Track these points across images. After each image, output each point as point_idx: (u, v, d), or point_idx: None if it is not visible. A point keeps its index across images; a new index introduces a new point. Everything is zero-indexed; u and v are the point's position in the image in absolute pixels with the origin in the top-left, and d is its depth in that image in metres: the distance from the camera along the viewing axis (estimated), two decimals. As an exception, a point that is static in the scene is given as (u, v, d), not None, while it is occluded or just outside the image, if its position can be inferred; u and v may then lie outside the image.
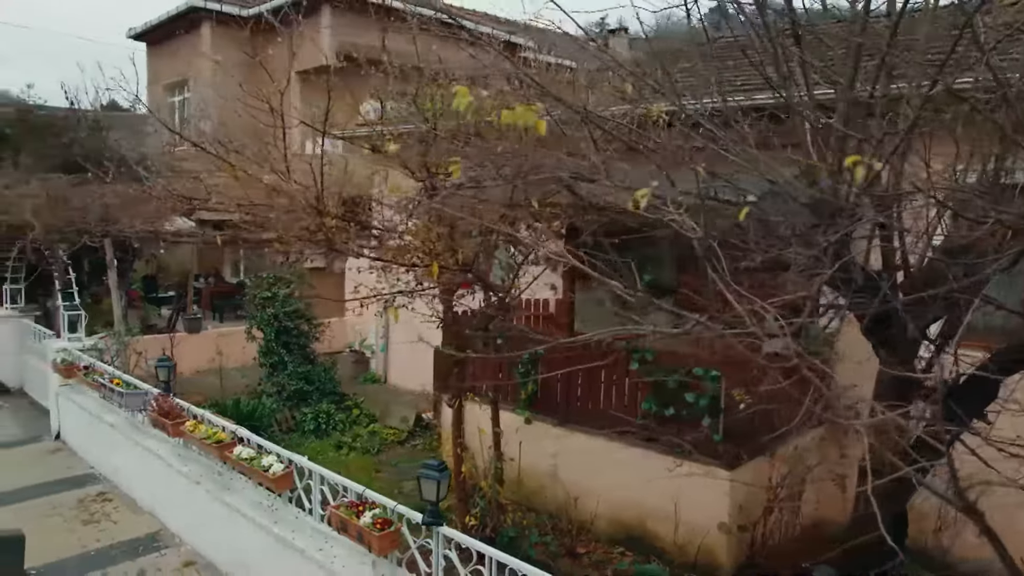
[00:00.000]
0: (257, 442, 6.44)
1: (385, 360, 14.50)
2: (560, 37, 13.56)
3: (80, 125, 15.92)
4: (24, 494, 8.57)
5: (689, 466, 7.37)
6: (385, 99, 7.91)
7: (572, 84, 6.55)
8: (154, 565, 6.90)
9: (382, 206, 7.41)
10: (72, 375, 9.78)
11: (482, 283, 6.55)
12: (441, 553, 4.75)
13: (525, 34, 17.07)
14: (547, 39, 23.55)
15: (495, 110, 5.13)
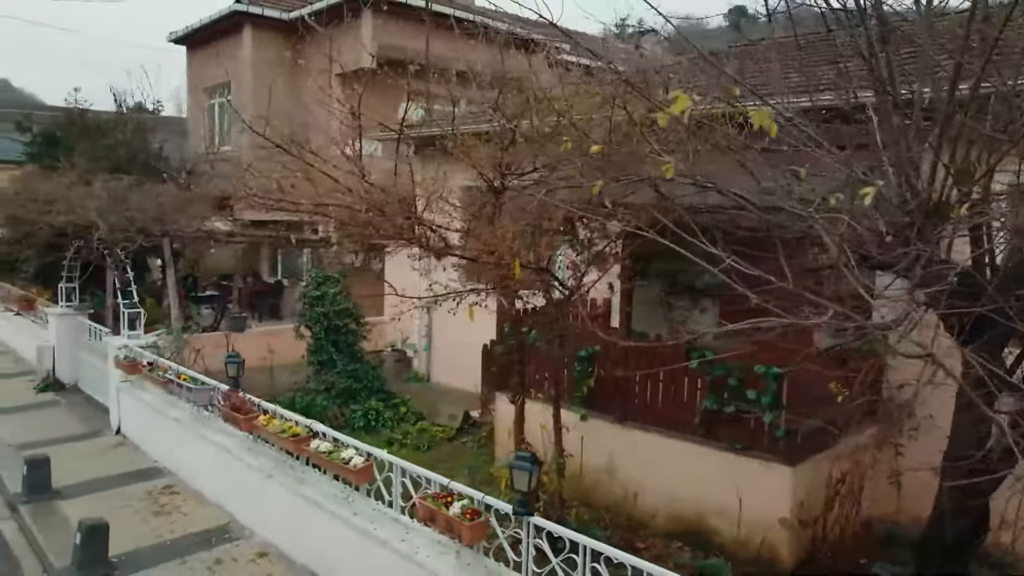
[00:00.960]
0: (333, 436, 6.62)
1: (428, 359, 14.68)
2: (591, 40, 13.67)
3: (127, 128, 16.23)
4: (95, 486, 8.82)
5: (749, 462, 7.50)
6: (433, 102, 8.06)
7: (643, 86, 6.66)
8: (229, 555, 7.10)
9: (452, 205, 7.55)
10: (135, 371, 10.03)
11: (556, 281, 6.64)
12: (531, 542, 4.88)
13: (550, 33, 17.22)
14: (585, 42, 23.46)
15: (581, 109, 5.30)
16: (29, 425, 11.32)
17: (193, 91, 21.45)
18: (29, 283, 17.01)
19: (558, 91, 6.82)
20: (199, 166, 16.47)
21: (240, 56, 18.67)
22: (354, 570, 6.09)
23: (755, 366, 7.47)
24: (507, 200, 7.02)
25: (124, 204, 10.85)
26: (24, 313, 15.94)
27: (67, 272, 13.11)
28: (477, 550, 5.24)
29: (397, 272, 14.63)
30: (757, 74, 7.17)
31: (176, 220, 11.44)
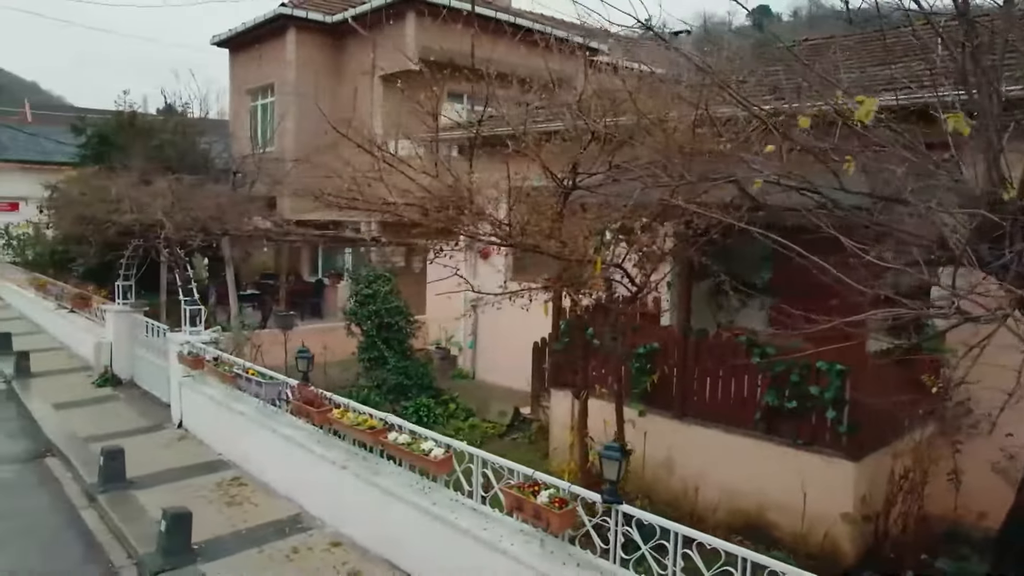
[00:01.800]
0: (410, 428, 6.82)
1: (473, 357, 14.88)
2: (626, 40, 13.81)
3: (177, 129, 16.59)
4: (165, 477, 9.09)
5: (811, 457, 7.61)
6: (473, 102, 8.23)
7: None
8: (304, 544, 7.32)
9: (516, 204, 7.70)
10: (199, 366, 10.31)
11: (627, 278, 6.79)
12: (620, 530, 5.04)
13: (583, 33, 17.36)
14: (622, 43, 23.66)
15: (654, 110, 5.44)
16: (93, 418, 11.64)
17: (235, 93, 21.83)
18: (80, 281, 17.41)
19: (625, 92, 6.95)
20: (245, 166, 16.78)
21: (284, 58, 19.00)
22: (435, 559, 6.27)
23: (818, 362, 7.58)
24: (575, 199, 7.17)
25: (187, 203, 11.13)
26: (78, 310, 16.34)
27: (124, 270, 13.43)
28: (562, 538, 5.40)
29: (441, 273, 14.84)
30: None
31: (234, 219, 11.70)
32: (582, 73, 8.13)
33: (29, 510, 8.55)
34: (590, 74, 13.81)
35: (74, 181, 14.10)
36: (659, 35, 5.00)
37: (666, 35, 13.59)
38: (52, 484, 9.32)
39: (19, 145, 30.23)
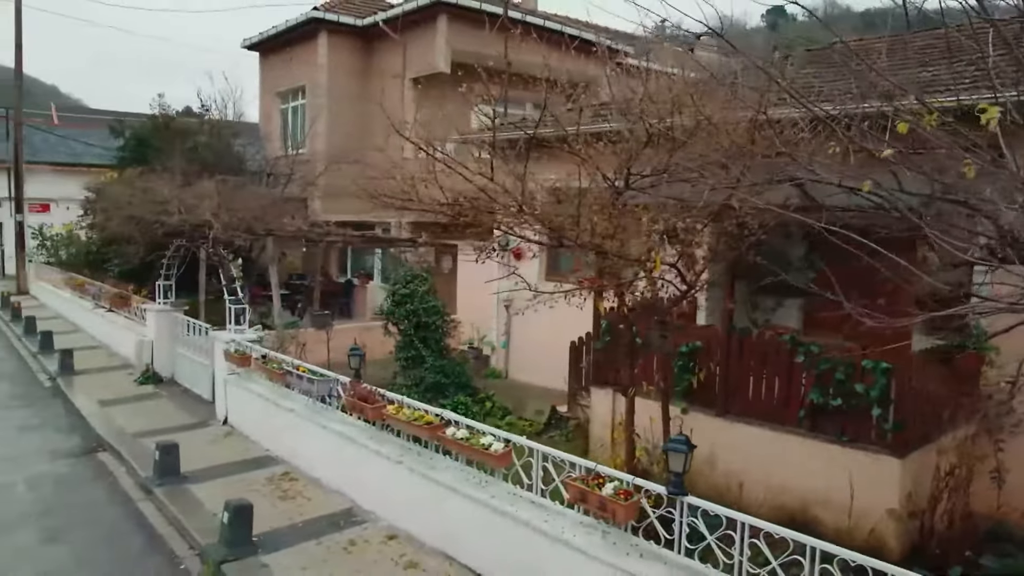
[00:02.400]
0: (467, 423, 6.99)
1: (506, 356, 15.05)
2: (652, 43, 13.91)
3: (212, 132, 16.88)
4: (217, 472, 9.31)
5: (855, 454, 7.73)
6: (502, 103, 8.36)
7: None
8: (360, 537, 7.51)
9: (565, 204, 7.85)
10: (245, 364, 10.53)
11: (680, 277, 6.92)
12: (686, 521, 5.20)
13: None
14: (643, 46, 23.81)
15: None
16: (139, 415, 11.89)
17: (265, 95, 22.11)
18: (119, 281, 17.74)
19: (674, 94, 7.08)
20: (277, 168, 17.04)
21: (315, 61, 19.26)
22: (494, 551, 6.44)
23: (863, 360, 7.71)
24: (626, 200, 7.31)
25: (232, 204, 11.36)
26: (116, 310, 16.64)
27: (165, 270, 13.70)
28: (625, 529, 5.56)
29: (472, 273, 15.05)
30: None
31: (274, 220, 11.93)
32: (610, 75, 8.20)
33: (88, 502, 8.79)
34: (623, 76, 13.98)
35: (117, 182, 14.38)
36: (717, 33, 5.11)
37: (690, 37, 13.78)
38: (107, 478, 9.57)
39: (49, 147, 30.67)
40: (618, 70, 18.94)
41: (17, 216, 22.90)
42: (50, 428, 11.57)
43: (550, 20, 19.11)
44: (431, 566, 6.87)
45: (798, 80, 7.66)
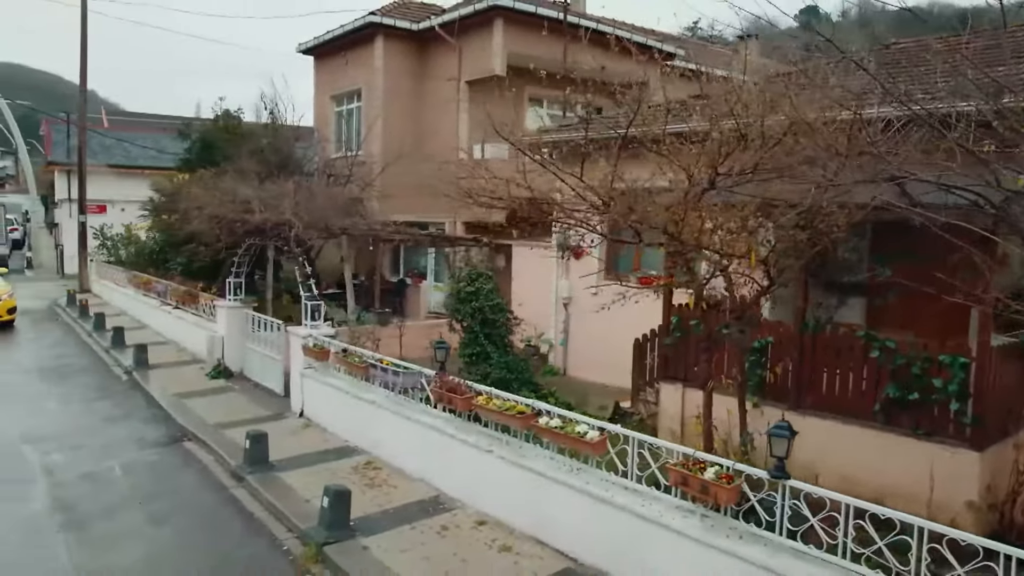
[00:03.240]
0: (559, 413, 7.27)
1: (564, 354, 15.31)
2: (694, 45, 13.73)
3: (277, 134, 17.37)
4: (302, 461, 9.69)
5: (932, 447, 7.88)
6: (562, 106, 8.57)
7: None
8: (451, 522, 7.82)
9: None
10: (324, 358, 10.92)
11: (766, 274, 7.14)
12: (788, 504, 5.43)
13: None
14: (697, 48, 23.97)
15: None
16: (215, 407, 12.35)
17: (320, 98, 22.60)
18: (184, 279, 18.30)
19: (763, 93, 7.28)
20: (335, 169, 17.47)
21: (372, 64, 19.69)
22: (590, 535, 6.71)
23: (940, 355, 7.87)
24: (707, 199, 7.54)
25: (310, 204, 11.76)
26: (183, 307, 17.19)
27: (236, 268, 14.17)
28: (724, 512, 5.81)
29: (526, 271, 15.33)
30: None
31: (348, 218, 12.32)
32: (703, 77, 8.41)
33: (183, 488, 9.23)
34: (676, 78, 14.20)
35: (192, 183, 14.90)
36: (821, 34, 5.34)
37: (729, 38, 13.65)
38: (196, 465, 10.00)
39: (105, 150, 31.58)
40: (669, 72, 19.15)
41: (80, 217, 23.65)
42: (134, 419, 12.07)
43: (602, 23, 19.34)
44: (524, 550, 7.16)
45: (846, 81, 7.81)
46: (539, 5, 18.39)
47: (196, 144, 18.68)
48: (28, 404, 12.80)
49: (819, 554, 5.26)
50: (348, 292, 13.29)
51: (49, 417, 12.01)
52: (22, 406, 12.67)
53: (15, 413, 12.22)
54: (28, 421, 11.69)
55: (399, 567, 6.88)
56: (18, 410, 12.40)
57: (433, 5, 21.67)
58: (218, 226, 12.65)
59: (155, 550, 7.58)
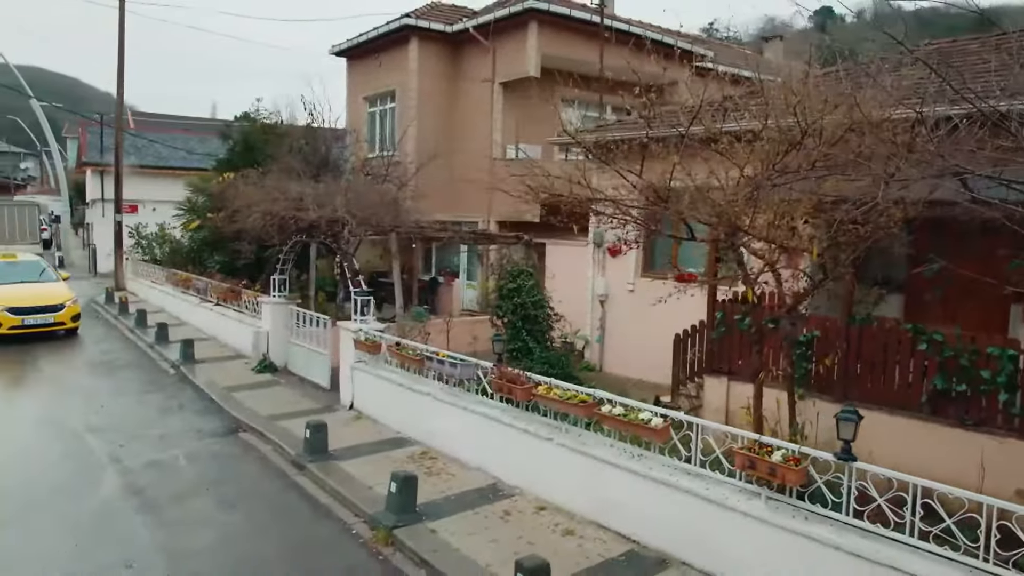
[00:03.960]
0: (621, 401, 7.55)
1: (600, 350, 15.57)
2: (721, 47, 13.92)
3: (317, 135, 17.75)
4: (359, 451, 10.01)
5: (980, 437, 8.10)
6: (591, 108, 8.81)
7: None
8: (513, 508, 8.11)
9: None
10: (376, 351, 11.24)
11: (821, 267, 7.38)
12: (855, 485, 5.69)
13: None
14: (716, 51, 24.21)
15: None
16: (264, 400, 12.70)
17: (352, 99, 22.98)
18: (225, 276, 18.71)
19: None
20: (372, 169, 17.82)
21: (406, 66, 20.03)
22: (654, 519, 6.97)
23: (988, 348, 8.09)
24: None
25: (362, 201, 12.09)
26: (225, 303, 17.58)
27: (281, 265, 14.53)
28: (789, 494, 6.07)
29: (563, 270, 15.57)
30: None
31: (395, 217, 12.65)
32: (759, 77, 8.64)
33: (246, 475, 9.57)
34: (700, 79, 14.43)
35: (241, 182, 15.26)
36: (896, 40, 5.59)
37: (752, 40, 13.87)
38: (255, 454, 10.33)
39: (137, 151, 32.11)
40: (706, 74, 19.40)
41: (116, 216, 24.14)
42: (188, 410, 12.43)
43: (632, 25, 19.64)
44: (587, 533, 7.44)
45: (908, 78, 8.04)
46: (572, 8, 18.68)
47: (238, 144, 19.10)
48: (85, 397, 13.19)
49: (886, 532, 5.52)
50: (397, 288, 13.62)
51: (106, 409, 12.39)
52: (79, 399, 13.06)
53: (74, 405, 12.62)
54: (88, 413, 12.07)
55: (468, 549, 7.17)
56: (76, 402, 12.80)
57: (464, 7, 22.01)
58: (272, 223, 12.99)
59: (230, 532, 7.92)
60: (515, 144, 18.70)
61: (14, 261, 19.97)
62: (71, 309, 18.12)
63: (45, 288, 18.52)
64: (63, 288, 18.95)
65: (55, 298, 18.05)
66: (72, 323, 18.13)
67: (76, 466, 9.74)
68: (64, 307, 17.98)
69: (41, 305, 17.59)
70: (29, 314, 17.24)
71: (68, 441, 10.78)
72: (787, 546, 5.92)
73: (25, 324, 17.13)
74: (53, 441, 10.82)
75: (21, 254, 21.53)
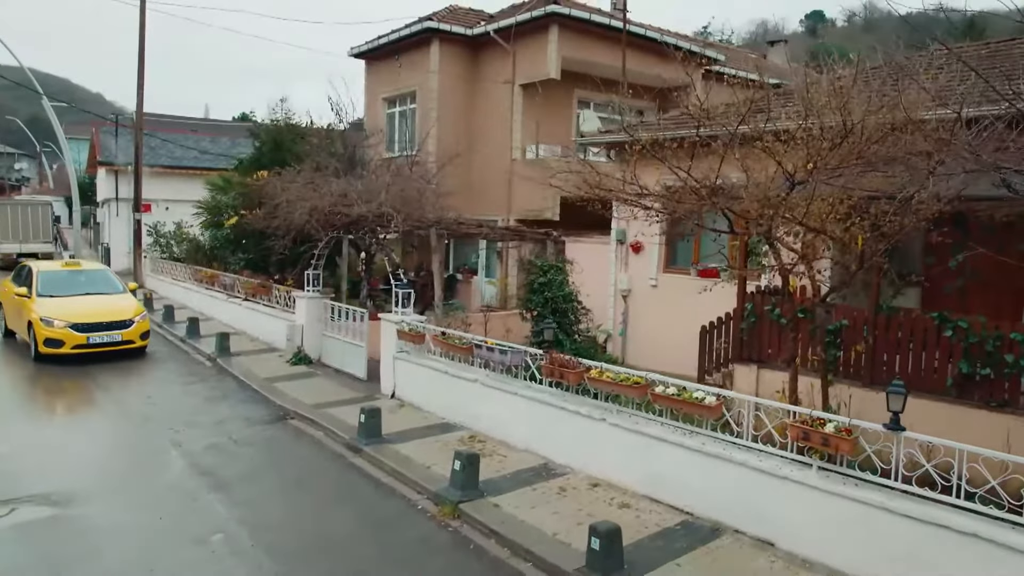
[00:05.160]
0: (673, 382, 8.08)
1: (623, 344, 16.11)
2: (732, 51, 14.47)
3: (345, 134, 18.28)
4: (410, 435, 10.50)
5: (1005, 418, 8.66)
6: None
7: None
8: (567, 484, 8.64)
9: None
10: (419, 341, 11.75)
11: (860, 260, 7.92)
12: (903, 453, 6.23)
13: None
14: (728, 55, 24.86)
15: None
16: (305, 390, 13.18)
17: (371, 99, 23.47)
18: (253, 272, 19.21)
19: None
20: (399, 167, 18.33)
21: (427, 68, 20.54)
22: (707, 491, 7.50)
23: (1011, 333, 8.66)
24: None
25: (404, 197, 12.59)
26: (252, 298, 18.06)
27: (316, 260, 15.03)
28: (840, 463, 6.61)
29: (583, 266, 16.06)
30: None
31: (433, 213, 13.16)
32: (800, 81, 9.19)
33: (303, 459, 10.05)
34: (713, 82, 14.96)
35: (274, 179, 15.73)
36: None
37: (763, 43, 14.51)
38: (308, 439, 10.82)
39: (151, 152, 32.48)
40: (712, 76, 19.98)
41: (136, 215, 24.58)
42: (233, 399, 12.90)
43: (649, 30, 20.22)
44: (642, 506, 7.97)
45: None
46: (591, 12, 19.24)
47: (267, 144, 19.60)
48: (130, 388, 13.64)
49: (934, 495, 6.06)
50: (437, 282, 14.12)
51: (157, 397, 12.86)
52: (125, 390, 13.51)
53: (123, 396, 13.07)
54: (138, 402, 12.53)
55: (533, 520, 7.68)
56: (124, 393, 13.25)
57: (481, 11, 22.52)
58: (318, 218, 13.47)
59: (301, 508, 8.42)
60: (535, 144, 19.22)
61: (79, 270, 17.65)
62: (140, 325, 15.94)
63: (112, 301, 16.31)
64: (131, 301, 16.81)
65: (123, 312, 15.90)
66: (141, 341, 15.95)
67: (143, 449, 10.23)
68: (133, 323, 15.78)
69: (108, 321, 15.48)
70: (95, 331, 15.19)
71: (127, 427, 11.25)
72: (839, 511, 6.46)
73: (90, 343, 15.10)
74: (113, 427, 11.30)
75: (85, 262, 19.46)
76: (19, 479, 8.91)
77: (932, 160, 6.55)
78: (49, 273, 16.85)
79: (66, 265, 17.83)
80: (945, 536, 5.80)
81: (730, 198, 7.70)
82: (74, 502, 8.27)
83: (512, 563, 7.01)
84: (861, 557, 6.29)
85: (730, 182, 8.47)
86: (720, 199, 8.05)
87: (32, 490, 8.53)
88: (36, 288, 16.05)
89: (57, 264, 17.99)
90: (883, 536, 6.16)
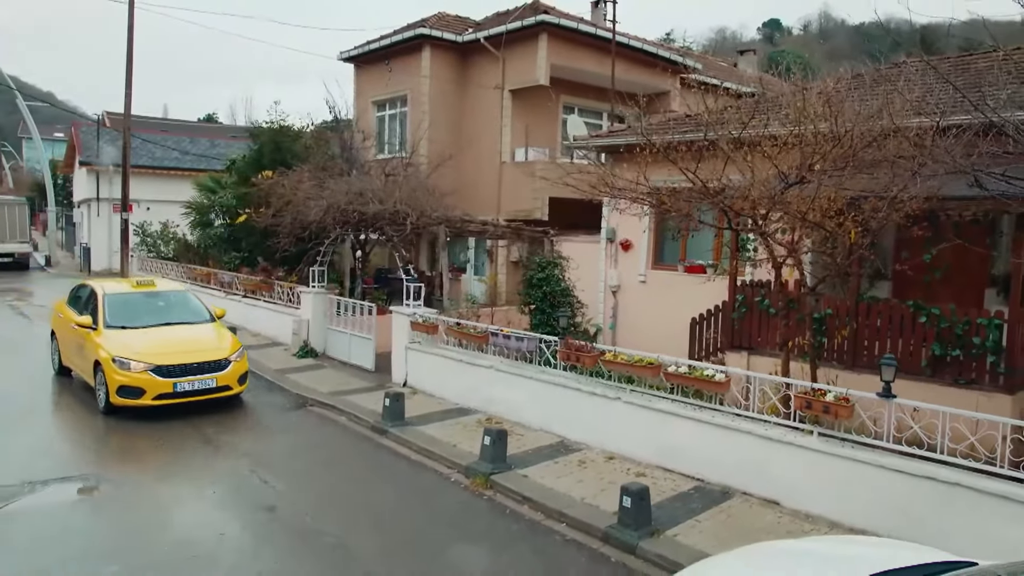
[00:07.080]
0: (684, 362, 8.97)
1: (612, 337, 17.01)
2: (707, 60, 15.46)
3: (344, 136, 18.92)
4: (430, 418, 11.26)
5: (971, 394, 9.70)
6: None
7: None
8: (585, 458, 9.48)
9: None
10: (433, 331, 12.50)
11: (849, 255, 8.87)
12: (893, 417, 7.19)
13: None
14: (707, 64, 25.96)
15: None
16: (317, 380, 13.83)
17: (361, 102, 24.10)
18: (252, 270, 19.75)
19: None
20: (393, 169, 19.04)
21: (418, 73, 21.25)
22: (717, 458, 8.41)
23: (978, 318, 9.72)
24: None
25: (414, 196, 13.33)
26: (252, 295, 18.63)
27: (321, 257, 15.68)
28: (837, 429, 7.55)
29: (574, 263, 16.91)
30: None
31: (447, 211, 13.91)
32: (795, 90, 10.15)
33: (332, 441, 10.76)
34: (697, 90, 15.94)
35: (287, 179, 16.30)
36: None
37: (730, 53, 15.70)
38: (332, 424, 11.51)
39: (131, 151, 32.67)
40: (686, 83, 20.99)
41: (124, 215, 24.84)
42: (251, 389, 13.45)
43: (633, 40, 21.23)
44: (656, 475, 8.84)
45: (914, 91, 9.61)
46: (579, 22, 20.17)
47: (266, 146, 20.15)
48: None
49: (921, 452, 7.02)
50: (444, 279, 14.88)
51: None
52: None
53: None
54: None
55: (561, 488, 8.51)
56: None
57: (467, 18, 23.30)
58: (332, 216, 14.12)
59: (342, 484, 9.12)
60: (524, 147, 20.05)
61: (154, 291, 13.58)
62: (237, 366, 12.11)
63: (200, 334, 12.64)
64: (223, 333, 12.97)
65: (216, 350, 12.06)
66: (239, 386, 12.15)
67: (177, 431, 10.83)
68: (229, 363, 11.96)
69: (200, 362, 11.65)
70: (184, 375, 11.43)
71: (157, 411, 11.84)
72: (838, 470, 7.40)
73: (177, 391, 11.34)
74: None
75: (161, 281, 15.10)
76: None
77: (914, 162, 7.50)
78: (118, 297, 12.96)
79: (138, 286, 13.68)
80: (932, 487, 6.76)
81: (733, 197, 8.57)
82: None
83: (548, 524, 7.83)
84: (859, 509, 7.22)
85: (731, 183, 9.40)
86: (722, 198, 8.95)
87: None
88: (104, 317, 12.26)
89: (126, 284, 14.07)
90: (878, 490, 7.10)
